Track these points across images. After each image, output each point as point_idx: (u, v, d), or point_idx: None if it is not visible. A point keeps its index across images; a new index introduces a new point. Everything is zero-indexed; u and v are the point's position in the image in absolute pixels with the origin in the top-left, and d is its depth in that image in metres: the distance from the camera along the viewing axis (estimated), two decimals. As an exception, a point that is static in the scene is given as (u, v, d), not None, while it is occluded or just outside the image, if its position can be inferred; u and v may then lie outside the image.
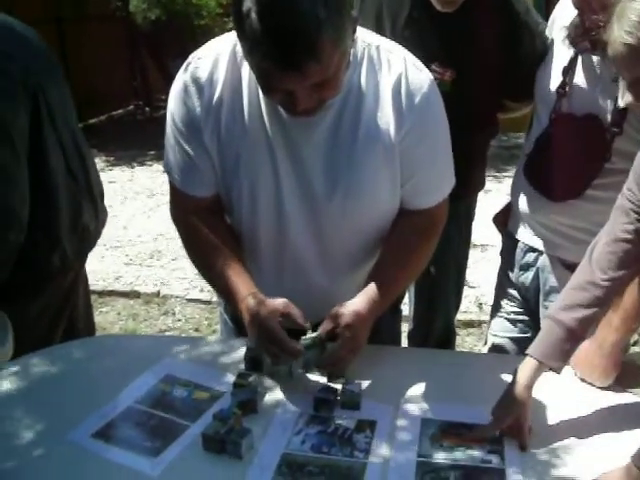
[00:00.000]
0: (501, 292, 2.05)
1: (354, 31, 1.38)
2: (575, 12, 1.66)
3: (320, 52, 1.27)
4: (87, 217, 2.13)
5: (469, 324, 4.01)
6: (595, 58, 1.64)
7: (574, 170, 1.68)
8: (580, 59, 1.68)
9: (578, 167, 1.67)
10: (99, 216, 2.22)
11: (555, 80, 1.73)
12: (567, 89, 1.70)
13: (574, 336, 1.43)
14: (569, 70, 1.70)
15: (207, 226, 1.65)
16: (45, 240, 1.98)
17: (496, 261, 2.14)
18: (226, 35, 1.56)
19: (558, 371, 1.44)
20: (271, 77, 1.33)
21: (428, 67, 1.95)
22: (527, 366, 1.44)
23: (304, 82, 1.32)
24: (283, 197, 1.58)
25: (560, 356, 1.44)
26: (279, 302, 1.53)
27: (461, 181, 1.76)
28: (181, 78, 1.55)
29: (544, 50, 1.88)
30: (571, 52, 1.70)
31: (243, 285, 1.58)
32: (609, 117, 1.61)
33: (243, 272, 1.61)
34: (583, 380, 1.59)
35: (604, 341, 1.56)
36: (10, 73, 1.84)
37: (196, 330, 4.09)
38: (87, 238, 2.15)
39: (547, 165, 1.74)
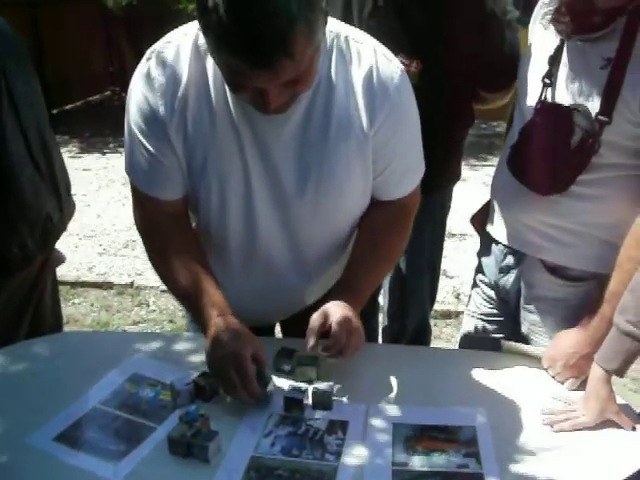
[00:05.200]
0: (477, 293, 2.00)
1: (325, 24, 1.33)
2: None
3: (293, 49, 1.21)
4: (50, 208, 2.07)
5: (447, 315, 4.00)
6: (582, 45, 1.59)
7: (560, 162, 1.63)
8: (566, 47, 1.63)
9: (565, 159, 1.62)
10: (64, 208, 2.16)
11: (540, 70, 1.68)
12: (552, 79, 1.65)
13: None
14: (555, 59, 1.65)
15: (175, 237, 1.58)
16: (3, 228, 1.93)
17: (473, 251, 2.10)
18: (186, 26, 1.49)
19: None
20: (241, 75, 1.26)
21: None
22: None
23: (276, 80, 1.26)
24: (253, 195, 1.53)
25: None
26: (256, 339, 1.47)
27: (435, 173, 1.73)
28: (141, 74, 1.47)
29: (514, 39, 1.84)
30: (557, 41, 1.65)
31: (216, 304, 1.50)
32: (597, 106, 1.57)
33: (216, 290, 1.53)
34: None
35: (597, 333, 1.54)
36: None
37: (170, 321, 4.04)
38: (50, 230, 2.10)
39: (532, 157, 1.68)
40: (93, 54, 10.28)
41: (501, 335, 1.88)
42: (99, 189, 6.53)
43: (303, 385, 1.49)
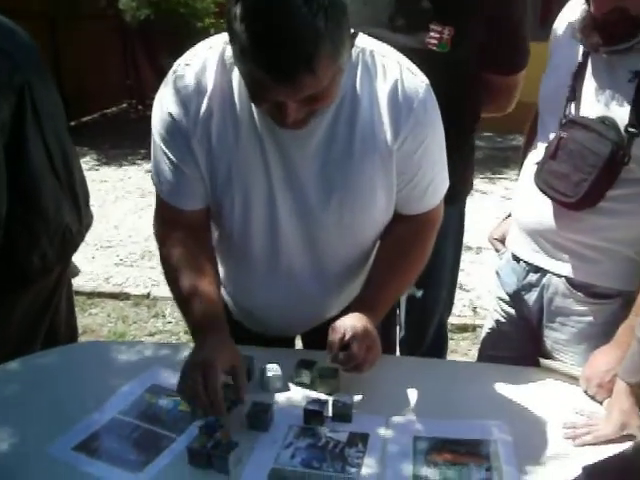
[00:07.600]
0: (495, 310, 1.97)
1: (351, 46, 1.33)
2: (580, 10, 1.59)
3: (316, 66, 1.21)
4: (69, 219, 2.08)
5: (463, 328, 3.97)
6: (608, 58, 1.57)
7: (590, 176, 1.60)
8: (590, 61, 1.62)
9: (594, 172, 1.58)
10: (82, 220, 2.17)
11: (562, 85, 1.66)
12: (577, 94, 1.64)
13: None
14: (579, 74, 1.63)
15: (188, 247, 1.57)
16: (24, 239, 1.94)
17: (490, 264, 2.07)
18: (213, 39, 1.50)
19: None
20: (262, 87, 1.27)
21: (427, 28, 1.96)
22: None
23: (296, 95, 1.26)
24: (276, 207, 1.53)
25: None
26: (238, 355, 1.46)
27: (457, 182, 1.72)
28: (167, 86, 1.48)
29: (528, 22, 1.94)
30: (580, 56, 1.63)
31: (210, 315, 1.50)
32: (626, 118, 1.53)
33: (215, 302, 1.53)
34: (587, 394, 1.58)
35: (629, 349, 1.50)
36: None
37: (186, 333, 4.02)
38: (69, 240, 2.10)
39: (560, 173, 1.64)
40: (110, 67, 10.38)
41: (514, 353, 1.85)
42: (116, 200, 6.57)
43: (323, 397, 1.49)
